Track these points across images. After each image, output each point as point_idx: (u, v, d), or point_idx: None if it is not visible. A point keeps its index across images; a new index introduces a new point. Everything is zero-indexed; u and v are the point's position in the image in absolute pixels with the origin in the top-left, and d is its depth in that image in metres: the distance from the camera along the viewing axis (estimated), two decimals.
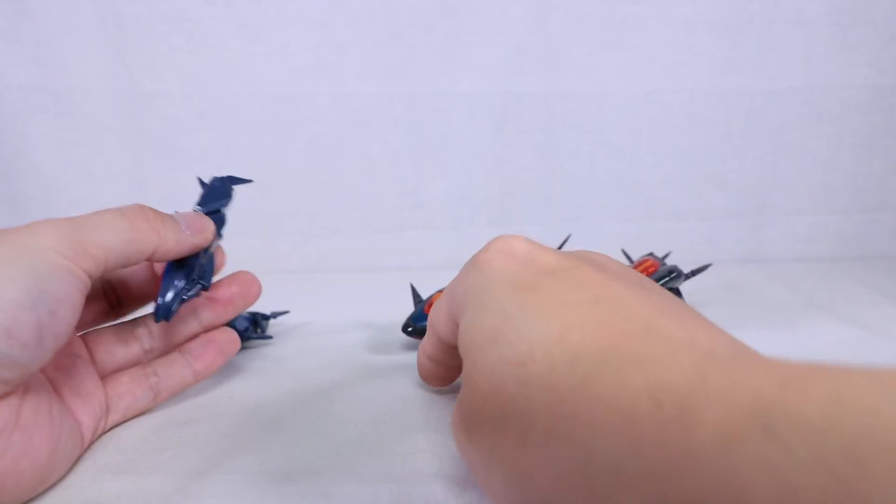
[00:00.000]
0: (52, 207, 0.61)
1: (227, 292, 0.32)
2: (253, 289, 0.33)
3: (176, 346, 0.31)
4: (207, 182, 0.31)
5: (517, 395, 0.18)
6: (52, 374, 0.25)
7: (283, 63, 0.60)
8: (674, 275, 0.42)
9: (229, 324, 0.33)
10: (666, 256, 0.47)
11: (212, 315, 0.32)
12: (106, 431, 0.28)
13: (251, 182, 0.32)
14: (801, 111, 0.62)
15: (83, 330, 0.29)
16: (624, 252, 0.50)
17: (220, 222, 0.30)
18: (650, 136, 0.63)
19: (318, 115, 0.62)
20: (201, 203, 0.30)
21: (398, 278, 0.46)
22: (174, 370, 0.30)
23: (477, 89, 0.62)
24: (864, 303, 0.49)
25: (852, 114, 0.62)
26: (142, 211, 0.25)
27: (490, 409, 0.19)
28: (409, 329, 0.37)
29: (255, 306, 0.35)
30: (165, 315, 0.28)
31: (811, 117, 0.62)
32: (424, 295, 0.40)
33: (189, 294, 0.28)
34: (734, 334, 0.18)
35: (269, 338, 0.41)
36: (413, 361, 0.36)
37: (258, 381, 0.34)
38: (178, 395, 0.31)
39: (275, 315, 0.43)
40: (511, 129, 0.63)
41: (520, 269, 0.22)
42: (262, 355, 0.38)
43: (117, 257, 0.24)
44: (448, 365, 0.30)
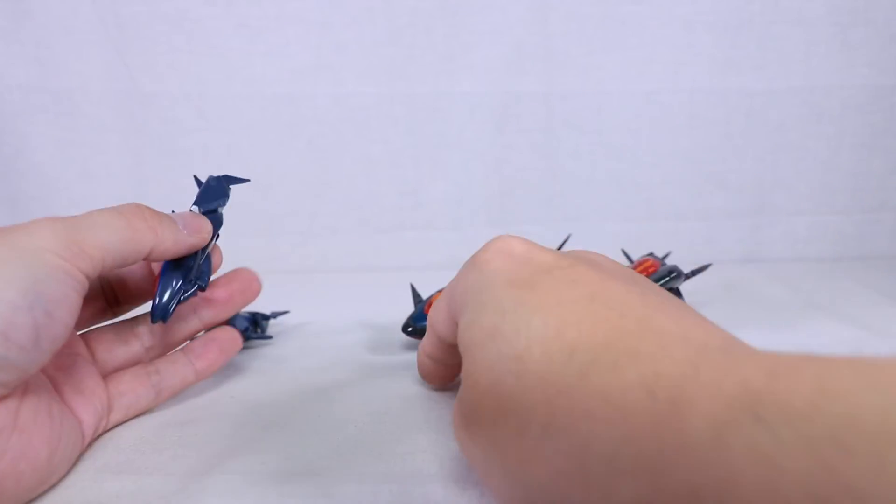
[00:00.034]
0: (52, 207, 0.61)
1: (228, 289, 0.32)
2: (253, 285, 0.33)
3: (177, 344, 0.31)
4: (205, 179, 0.31)
5: (515, 390, 0.18)
6: (52, 373, 0.25)
7: (283, 63, 0.60)
8: (674, 275, 0.42)
9: (229, 323, 0.33)
10: (666, 256, 0.47)
11: (212, 312, 0.32)
12: (107, 430, 0.28)
13: (248, 182, 0.32)
14: (801, 111, 0.62)
15: (81, 328, 0.29)
16: (624, 252, 0.50)
17: (217, 222, 0.30)
18: (650, 136, 0.63)
19: (318, 115, 0.62)
20: (198, 203, 0.30)
21: (398, 278, 0.46)
22: (176, 368, 0.30)
23: (477, 89, 0.62)
24: (864, 303, 0.49)
25: (852, 114, 0.62)
26: (139, 210, 0.25)
27: (489, 404, 0.19)
28: (409, 329, 0.37)
29: (256, 306, 0.35)
30: (163, 316, 0.28)
31: (811, 117, 0.62)
32: (424, 295, 0.40)
33: (186, 295, 0.28)
34: (734, 334, 0.18)
35: (269, 338, 0.41)
36: (413, 361, 0.36)
37: (258, 381, 0.34)
38: (179, 394, 0.31)
39: (275, 315, 0.43)
40: (511, 129, 0.63)
41: (517, 268, 0.22)
42: (262, 355, 0.38)
43: (114, 257, 0.23)
44: (448, 364, 0.30)
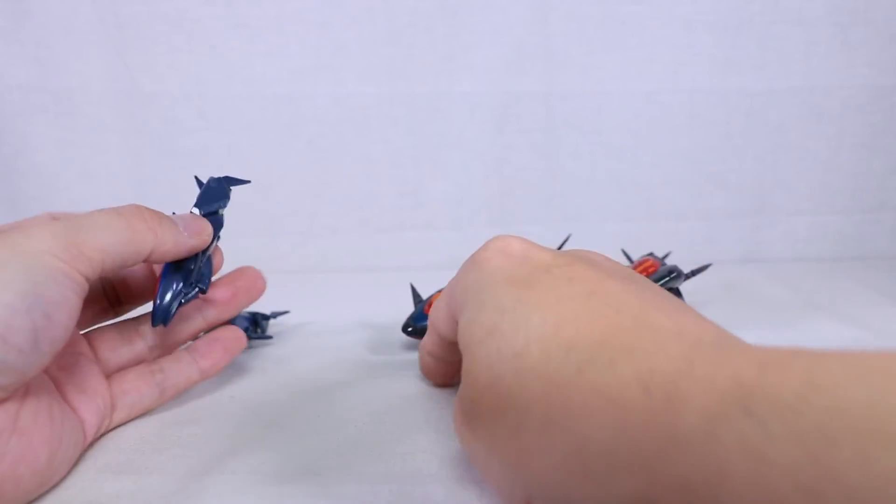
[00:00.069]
0: (52, 207, 0.61)
1: (232, 288, 0.32)
2: (258, 284, 0.32)
3: (181, 342, 0.31)
4: (206, 180, 0.31)
5: (514, 386, 0.19)
6: (54, 373, 0.25)
7: (283, 63, 0.60)
8: (674, 275, 0.42)
9: (229, 324, 0.33)
10: (666, 256, 0.47)
11: (216, 311, 0.31)
12: (110, 430, 0.28)
13: (249, 183, 0.31)
14: (801, 111, 0.62)
15: (83, 328, 0.29)
16: (624, 252, 0.50)
17: (217, 224, 0.29)
18: (650, 136, 0.63)
19: (318, 115, 0.62)
20: (198, 204, 0.29)
21: (398, 278, 0.46)
22: (180, 367, 0.30)
23: (477, 89, 0.62)
24: (864, 303, 0.49)
25: (852, 114, 0.62)
26: (139, 211, 0.25)
27: (489, 400, 0.19)
28: (409, 329, 0.37)
29: (256, 306, 0.35)
30: (163, 319, 0.27)
31: (811, 117, 0.62)
32: (424, 295, 0.40)
33: (187, 298, 0.28)
34: (734, 335, 0.18)
35: (269, 338, 0.41)
36: (413, 361, 0.36)
37: (258, 381, 0.34)
38: (182, 393, 0.31)
39: (275, 315, 0.43)
40: (511, 129, 0.63)
41: (516, 267, 0.23)
42: (262, 355, 0.38)
43: (114, 259, 0.23)
44: (448, 361, 0.30)
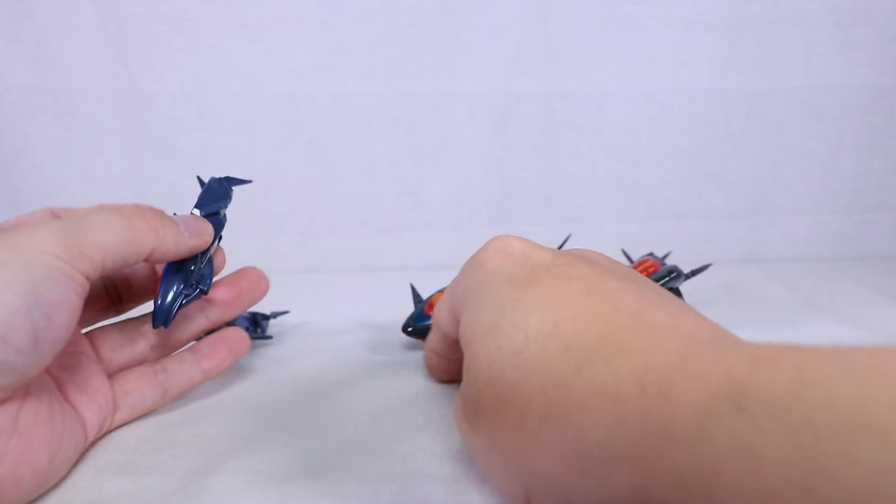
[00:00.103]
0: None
1: (235, 288, 0.31)
2: (261, 284, 0.32)
3: (184, 342, 0.31)
4: (207, 180, 0.30)
5: (514, 383, 0.19)
6: (55, 373, 0.25)
7: (283, 63, 0.60)
8: (674, 275, 0.42)
9: (229, 324, 0.33)
10: (666, 256, 0.47)
11: (219, 311, 0.31)
12: (112, 430, 0.28)
13: (250, 182, 0.31)
14: (801, 111, 0.62)
15: (84, 326, 0.29)
16: (624, 252, 0.50)
17: (218, 225, 0.29)
18: (650, 136, 0.63)
19: (318, 115, 0.62)
20: (199, 205, 0.29)
21: (398, 278, 0.46)
22: (183, 368, 0.30)
23: (477, 89, 0.62)
24: (864, 303, 0.49)
25: (852, 114, 0.62)
26: (139, 210, 0.25)
27: (489, 396, 0.20)
28: (409, 329, 0.37)
29: (256, 306, 0.35)
30: (164, 321, 0.27)
31: (811, 117, 0.62)
32: (424, 295, 0.40)
33: (188, 299, 0.28)
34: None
35: (270, 338, 0.41)
36: (413, 361, 0.36)
37: (258, 381, 0.34)
38: (186, 393, 0.31)
39: (275, 315, 0.43)
40: (511, 129, 0.63)
41: (516, 267, 0.23)
42: (262, 355, 0.38)
43: (114, 259, 0.23)
44: (452, 359, 0.31)
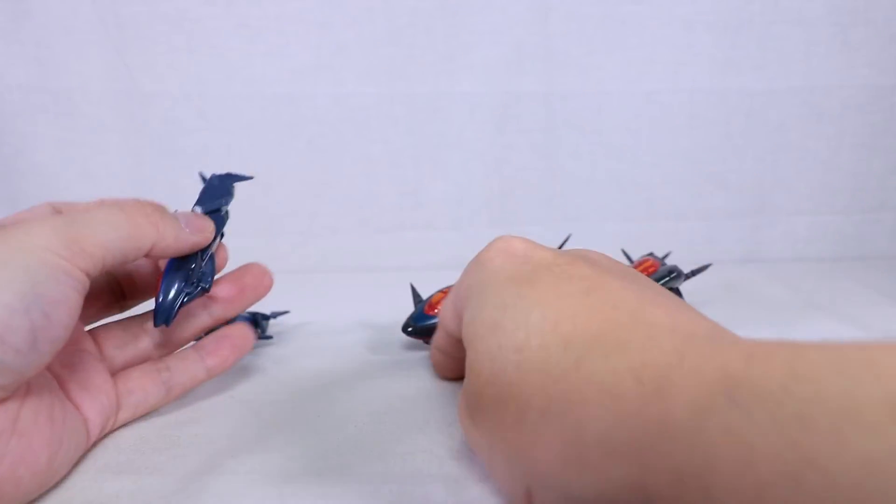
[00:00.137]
0: None
1: (238, 285, 0.31)
2: (264, 281, 0.32)
3: (187, 340, 0.31)
4: (208, 177, 0.30)
5: (515, 379, 0.19)
6: (57, 370, 0.25)
7: (283, 63, 0.60)
8: (674, 275, 0.42)
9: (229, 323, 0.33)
10: (666, 256, 0.47)
11: (222, 308, 0.31)
12: (115, 429, 0.28)
13: (252, 178, 0.31)
14: (801, 111, 0.62)
15: (88, 323, 0.29)
16: (624, 252, 0.50)
17: (220, 222, 0.29)
18: (650, 136, 0.63)
19: (318, 115, 0.62)
20: (200, 202, 0.29)
21: (398, 278, 0.46)
22: (186, 365, 0.30)
23: (477, 89, 0.61)
24: (864, 303, 0.49)
25: (852, 114, 0.62)
26: (140, 205, 0.25)
27: (491, 392, 0.20)
28: (409, 329, 0.37)
29: (256, 306, 0.35)
30: (165, 319, 0.27)
31: (811, 117, 0.62)
32: (424, 295, 0.40)
33: (189, 297, 0.28)
34: None
35: (270, 338, 0.41)
36: (413, 361, 0.36)
37: (258, 381, 0.34)
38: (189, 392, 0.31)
39: (275, 315, 0.43)
40: (511, 129, 0.63)
41: (518, 266, 0.23)
42: (262, 355, 0.38)
43: (114, 255, 0.23)
44: (456, 357, 0.31)
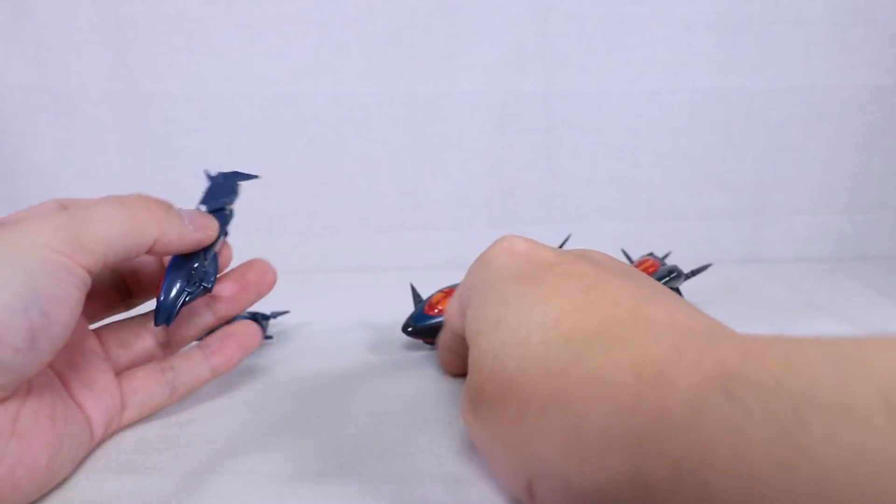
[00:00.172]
0: None
1: (242, 282, 0.31)
2: (268, 277, 0.32)
3: (192, 339, 0.31)
4: (213, 175, 0.30)
5: (517, 374, 0.20)
6: (60, 369, 0.25)
7: (283, 63, 0.60)
8: (674, 275, 0.42)
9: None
10: (666, 256, 0.47)
11: (226, 306, 0.31)
12: (121, 429, 0.28)
13: (258, 178, 0.31)
14: (801, 111, 0.62)
15: (93, 321, 0.28)
16: (624, 252, 0.50)
17: (224, 220, 0.29)
18: (650, 136, 0.63)
19: (318, 115, 0.62)
20: (204, 201, 0.29)
21: (398, 278, 0.46)
22: (191, 365, 0.29)
23: (477, 89, 0.61)
24: (864, 303, 0.49)
25: (852, 114, 0.62)
26: (142, 200, 0.24)
27: (493, 388, 0.20)
28: (409, 329, 0.37)
29: (256, 306, 0.35)
30: (166, 319, 0.27)
31: (811, 117, 0.62)
32: (424, 295, 0.40)
33: (191, 297, 0.27)
34: None
35: (270, 338, 0.41)
36: (413, 361, 0.36)
37: (258, 381, 0.34)
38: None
39: (275, 315, 0.43)
40: (511, 129, 0.63)
41: (521, 265, 0.24)
42: (262, 355, 0.38)
43: (116, 251, 0.23)
44: (462, 354, 0.31)
